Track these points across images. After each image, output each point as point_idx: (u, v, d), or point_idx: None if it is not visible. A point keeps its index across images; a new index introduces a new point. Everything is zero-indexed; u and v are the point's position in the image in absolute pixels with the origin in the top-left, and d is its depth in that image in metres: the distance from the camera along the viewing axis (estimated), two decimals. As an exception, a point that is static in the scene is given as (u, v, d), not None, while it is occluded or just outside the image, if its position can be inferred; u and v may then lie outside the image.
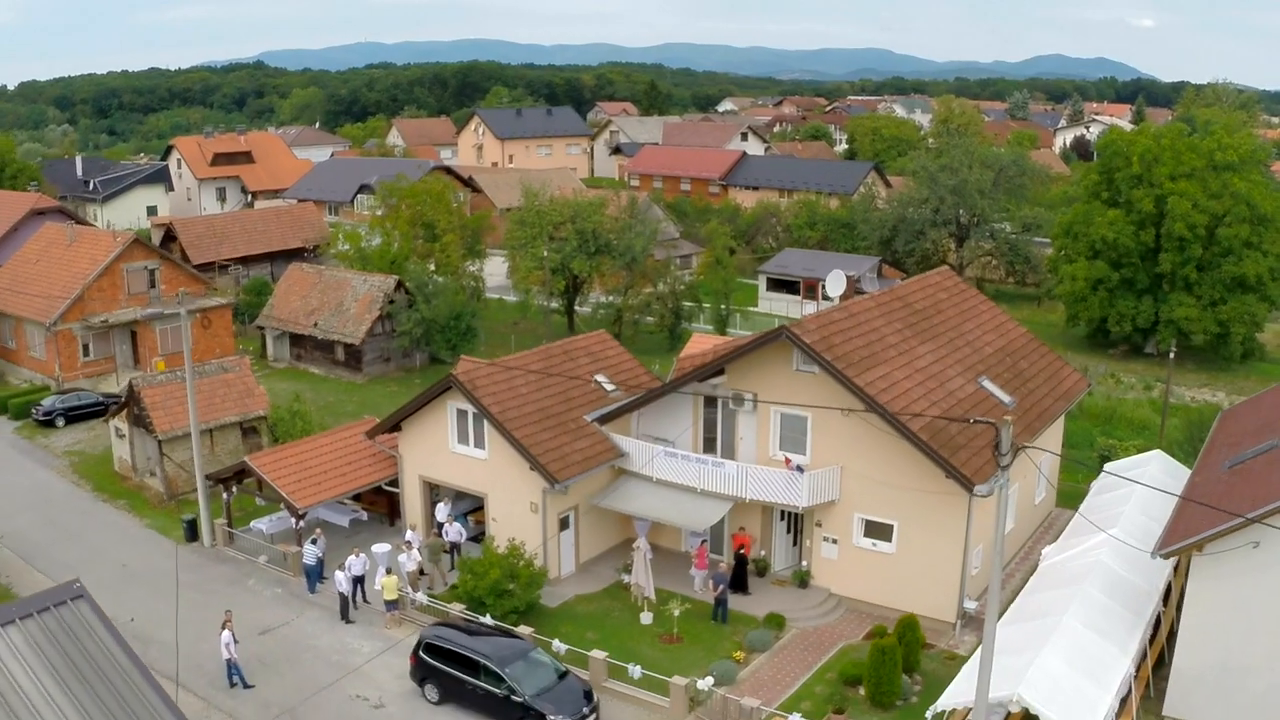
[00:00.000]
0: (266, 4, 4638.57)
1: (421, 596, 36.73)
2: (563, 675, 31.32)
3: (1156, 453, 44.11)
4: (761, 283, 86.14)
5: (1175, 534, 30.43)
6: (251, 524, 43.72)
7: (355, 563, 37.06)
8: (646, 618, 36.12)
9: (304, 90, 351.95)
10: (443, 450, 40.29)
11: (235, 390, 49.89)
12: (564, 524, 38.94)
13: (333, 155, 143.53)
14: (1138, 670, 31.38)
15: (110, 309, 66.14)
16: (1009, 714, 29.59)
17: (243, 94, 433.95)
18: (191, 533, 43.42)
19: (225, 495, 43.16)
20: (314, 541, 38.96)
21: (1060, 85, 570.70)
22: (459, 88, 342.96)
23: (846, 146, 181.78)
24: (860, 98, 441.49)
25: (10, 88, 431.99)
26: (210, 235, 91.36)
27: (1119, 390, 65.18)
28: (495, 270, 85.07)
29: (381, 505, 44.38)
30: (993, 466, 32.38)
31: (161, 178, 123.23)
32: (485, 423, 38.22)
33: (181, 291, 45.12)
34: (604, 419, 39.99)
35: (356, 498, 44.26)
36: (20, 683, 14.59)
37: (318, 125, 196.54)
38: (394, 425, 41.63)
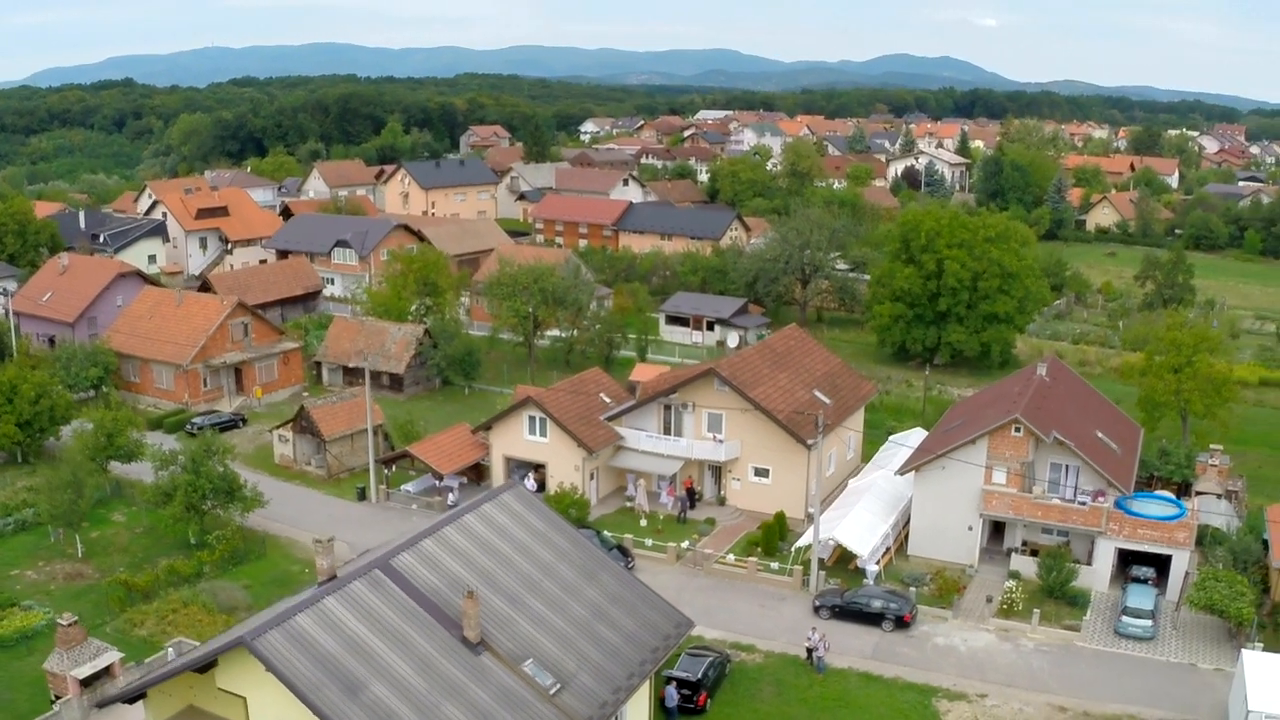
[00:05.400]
0: (107, 9, 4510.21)
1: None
2: (611, 547, 62.31)
3: (918, 429, 77.31)
4: (662, 318, 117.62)
5: (907, 462, 63.40)
6: (401, 487, 73.44)
7: (481, 501, 67.42)
8: (643, 522, 67.69)
9: (190, 116, 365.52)
10: (519, 439, 71.16)
11: (361, 409, 79.37)
12: (591, 476, 70.13)
13: (283, 204, 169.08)
14: (896, 535, 64.04)
15: (219, 353, 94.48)
16: (832, 550, 62.05)
17: (121, 115, 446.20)
18: (362, 495, 72.88)
19: (385, 471, 72.99)
20: (452, 490, 69.44)
21: (902, 96, 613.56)
22: (340, 114, 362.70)
23: (708, 180, 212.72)
24: (712, 114, 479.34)
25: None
26: (237, 286, 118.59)
27: (910, 391, 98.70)
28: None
29: (473, 476, 74.51)
30: (816, 433, 64.49)
31: (160, 231, 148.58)
32: (548, 421, 69.14)
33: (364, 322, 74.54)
34: (610, 418, 71.27)
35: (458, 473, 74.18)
36: (518, 508, 44.92)
37: (250, 169, 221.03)
38: (487, 426, 72.26)
